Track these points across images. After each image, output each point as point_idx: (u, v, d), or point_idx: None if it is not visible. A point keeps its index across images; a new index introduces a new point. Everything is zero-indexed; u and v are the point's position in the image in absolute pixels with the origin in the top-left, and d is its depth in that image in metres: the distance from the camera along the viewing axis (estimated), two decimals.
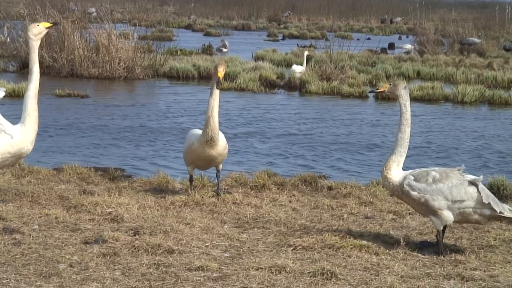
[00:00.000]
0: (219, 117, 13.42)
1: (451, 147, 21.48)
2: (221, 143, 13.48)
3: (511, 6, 73.81)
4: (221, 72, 13.12)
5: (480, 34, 55.98)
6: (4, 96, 13.49)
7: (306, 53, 37.08)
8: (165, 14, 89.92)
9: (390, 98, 28.42)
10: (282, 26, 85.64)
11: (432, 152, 20.55)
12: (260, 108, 27.38)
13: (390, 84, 11.57)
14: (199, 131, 13.76)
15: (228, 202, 13.35)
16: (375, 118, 26.36)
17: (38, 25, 12.88)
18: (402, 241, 11.22)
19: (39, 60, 30.41)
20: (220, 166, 14.15)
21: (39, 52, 32.59)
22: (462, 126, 25.18)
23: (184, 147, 14.00)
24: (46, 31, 13.03)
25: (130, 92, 31.37)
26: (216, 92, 13.23)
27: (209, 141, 13.25)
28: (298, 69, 34.41)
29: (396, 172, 11.09)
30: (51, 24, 13.41)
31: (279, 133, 22.78)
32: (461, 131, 24.17)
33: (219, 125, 13.49)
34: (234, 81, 32.17)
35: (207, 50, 47.12)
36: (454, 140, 22.62)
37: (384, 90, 11.66)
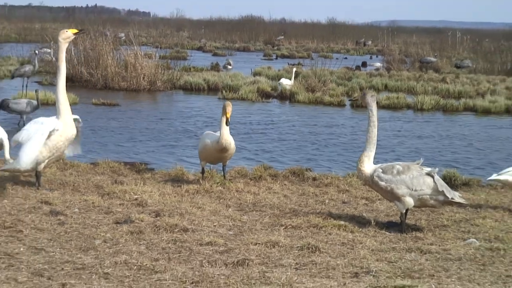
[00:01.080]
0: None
1: (413, 145, 21.49)
2: (232, 146, 13.64)
3: (460, 31, 73.89)
4: (229, 112, 13.27)
5: (436, 54, 55.94)
6: (50, 104, 13.59)
7: (294, 69, 37.07)
8: (180, 38, 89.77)
9: (363, 106, 28.49)
10: (276, 48, 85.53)
11: (397, 149, 20.55)
12: (258, 114, 27.37)
13: (361, 93, 11.68)
14: (212, 133, 13.90)
15: (232, 190, 13.39)
16: (351, 122, 26.35)
17: (67, 31, 13.15)
18: (372, 221, 11.25)
19: (79, 76, 30.37)
20: (227, 162, 14.28)
21: (78, 69, 32.80)
22: (421, 129, 25.19)
23: (199, 147, 14.08)
24: (73, 36, 13.31)
25: (152, 101, 31.36)
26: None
27: (223, 149, 13.47)
28: (284, 82, 34.41)
29: (368, 165, 11.14)
30: (78, 31, 13.55)
31: (273, 134, 22.78)
32: (421, 133, 24.17)
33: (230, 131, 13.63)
34: (237, 92, 32.19)
35: (215, 67, 47.04)
36: (415, 139, 22.63)
37: (357, 99, 11.74)
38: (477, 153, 20.64)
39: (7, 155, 13.99)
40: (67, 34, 13.11)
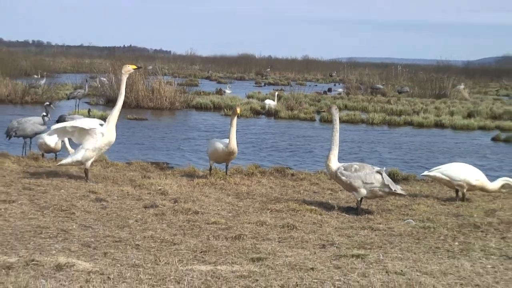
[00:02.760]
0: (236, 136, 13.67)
1: (367, 150, 21.51)
2: (236, 150, 13.69)
3: (401, 66, 73.98)
4: (238, 111, 13.60)
5: (383, 83, 56.05)
6: (96, 119, 13.61)
7: (276, 93, 37.14)
8: (193, 70, 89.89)
9: (328, 120, 28.56)
10: (264, 77, 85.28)
11: (355, 153, 20.56)
12: (251, 127, 27.37)
13: (327, 106, 11.76)
14: (218, 140, 13.92)
15: (231, 183, 13.38)
16: (320, 133, 26.36)
17: (128, 66, 13.11)
18: (336, 206, 11.25)
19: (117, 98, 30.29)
20: (230, 163, 14.29)
21: (117, 93, 33.03)
22: (372, 138, 25.21)
23: (208, 150, 14.03)
24: (132, 70, 13.25)
25: (172, 117, 31.33)
26: (234, 124, 13.56)
27: (231, 152, 13.60)
28: (267, 102, 34.48)
29: (334, 162, 11.17)
30: (136, 67, 13.57)
31: (262, 142, 22.77)
32: (372, 141, 24.19)
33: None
34: None
35: (219, 92, 47.06)
36: (368, 146, 22.65)
37: (325, 110, 11.79)
38: (413, 155, 20.67)
39: (69, 147, 14.35)
40: (128, 68, 13.15)
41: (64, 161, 12.90)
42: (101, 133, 12.62)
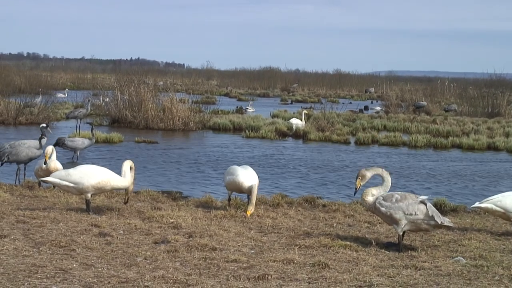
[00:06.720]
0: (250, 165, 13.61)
1: (408, 176, 21.40)
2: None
3: (448, 80, 73.71)
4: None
5: (427, 100, 55.87)
6: (99, 142, 13.72)
7: (304, 112, 37.23)
8: (210, 86, 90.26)
9: (365, 143, 28.64)
10: (291, 94, 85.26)
11: (395, 179, 20.46)
12: (276, 151, 27.38)
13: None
14: (237, 167, 13.88)
15: (253, 215, 13.36)
16: (355, 157, 26.29)
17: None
18: (374, 242, 11.20)
19: (124, 118, 30.80)
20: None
21: (123, 112, 33.11)
22: (415, 163, 25.11)
23: (227, 179, 13.95)
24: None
25: (186, 139, 31.47)
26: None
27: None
28: (294, 121, 34.52)
29: (370, 197, 11.15)
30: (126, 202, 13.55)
31: (289, 167, 22.75)
32: (414, 166, 24.09)
33: (251, 165, 13.63)
34: (258, 132, 32.38)
35: (239, 111, 47.25)
36: (410, 172, 22.55)
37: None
38: (463, 183, 20.54)
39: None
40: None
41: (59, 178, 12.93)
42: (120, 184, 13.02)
